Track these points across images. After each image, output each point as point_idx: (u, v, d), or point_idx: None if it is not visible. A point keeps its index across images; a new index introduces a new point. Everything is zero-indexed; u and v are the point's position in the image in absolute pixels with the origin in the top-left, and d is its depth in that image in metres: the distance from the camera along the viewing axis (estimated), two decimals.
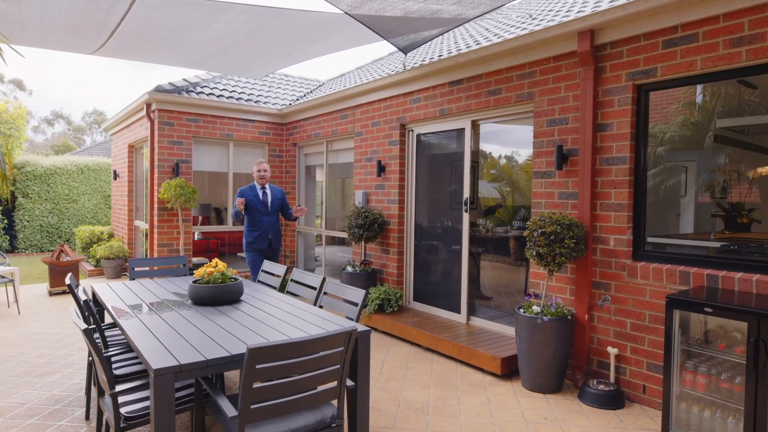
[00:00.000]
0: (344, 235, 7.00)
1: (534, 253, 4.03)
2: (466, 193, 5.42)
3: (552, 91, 4.44)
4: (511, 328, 5.00)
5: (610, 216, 4.02)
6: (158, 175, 7.53)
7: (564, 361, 4.03)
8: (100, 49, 6.55)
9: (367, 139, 6.73)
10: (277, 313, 3.18)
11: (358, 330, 2.75)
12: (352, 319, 3.15)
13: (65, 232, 13.47)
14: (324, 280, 3.72)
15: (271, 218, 5.63)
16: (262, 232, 5.56)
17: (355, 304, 3.23)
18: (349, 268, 6.22)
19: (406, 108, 6.09)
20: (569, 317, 3.98)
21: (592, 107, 4.07)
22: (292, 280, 4.10)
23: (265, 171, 5.67)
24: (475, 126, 5.41)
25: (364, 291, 3.19)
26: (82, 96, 58.79)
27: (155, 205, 7.57)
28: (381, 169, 6.37)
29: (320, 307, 3.56)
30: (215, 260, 3.51)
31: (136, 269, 4.61)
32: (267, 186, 5.71)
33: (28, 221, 13.04)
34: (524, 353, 4.07)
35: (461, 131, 5.51)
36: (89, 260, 9.68)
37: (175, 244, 7.64)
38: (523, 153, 5.28)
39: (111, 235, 10.57)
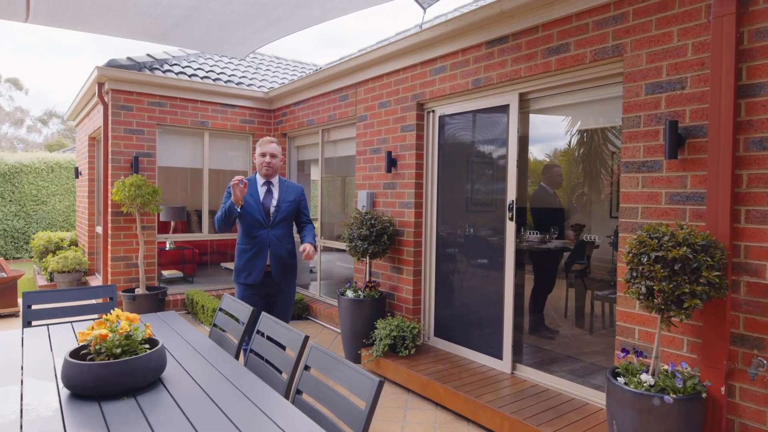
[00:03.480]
0: (344, 246, 5.52)
1: (642, 289, 2.52)
2: (512, 195, 3.93)
3: (656, 40, 2.94)
4: (578, 386, 3.50)
5: (765, 231, 2.52)
6: (113, 172, 6.05)
7: None
8: (32, 14, 5.11)
9: (372, 124, 5.24)
10: (216, 427, 1.68)
11: None
12: None
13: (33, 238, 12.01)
14: (305, 341, 2.22)
15: (273, 232, 3.50)
16: (255, 253, 3.47)
17: (361, 398, 1.73)
18: (350, 293, 4.72)
19: (424, 81, 4.59)
20: (703, 395, 2.48)
21: (734, 59, 2.57)
22: (258, 331, 2.61)
23: (273, 156, 3.53)
24: (524, 101, 3.90)
25: (377, 381, 1.69)
26: None
27: (109, 209, 6.09)
28: (391, 162, 4.88)
29: (298, 393, 2.06)
30: (115, 312, 2.02)
31: (34, 308, 3.12)
32: (275, 181, 3.63)
33: None
34: None
35: (503, 109, 4.01)
36: (43, 273, 8.21)
37: (134, 257, 6.16)
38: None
39: (74, 243, 9.11)
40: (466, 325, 4.42)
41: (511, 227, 3.94)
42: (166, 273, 7.63)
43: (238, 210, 3.37)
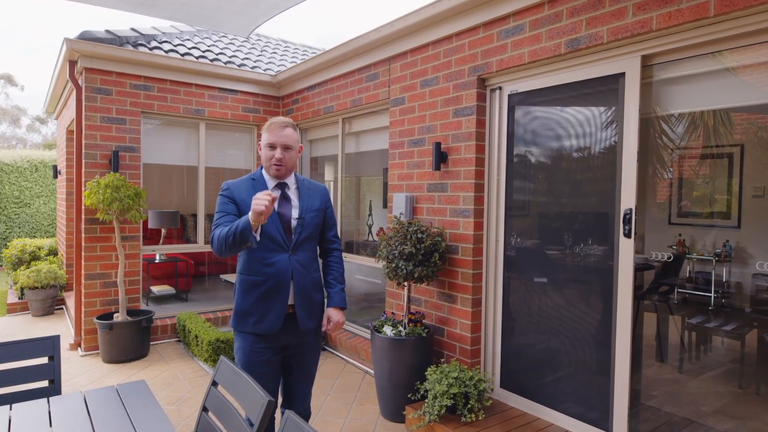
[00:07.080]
0: (376, 263, 4.40)
1: None
2: (628, 202, 2.78)
3: None
4: None
5: None
6: (87, 170, 4.91)
7: None
8: None
9: (412, 108, 4.10)
10: None
11: None
12: None
13: None
14: None
15: (297, 257, 2.30)
16: (272, 288, 2.26)
17: None
18: (389, 330, 3.58)
19: (489, 48, 3.45)
20: None
21: None
22: None
23: (287, 149, 2.28)
24: (647, 68, 2.76)
25: None
26: None
27: (83, 216, 4.96)
28: (441, 157, 3.74)
29: None
30: None
31: None
32: (291, 181, 2.39)
33: None
34: None
35: (614, 81, 2.86)
36: (14, 288, 7.08)
37: (113, 275, 5.02)
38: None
39: (53, 252, 7.98)
40: (547, 375, 3.27)
41: (626, 245, 2.79)
42: (155, 289, 6.51)
43: (257, 238, 2.06)
